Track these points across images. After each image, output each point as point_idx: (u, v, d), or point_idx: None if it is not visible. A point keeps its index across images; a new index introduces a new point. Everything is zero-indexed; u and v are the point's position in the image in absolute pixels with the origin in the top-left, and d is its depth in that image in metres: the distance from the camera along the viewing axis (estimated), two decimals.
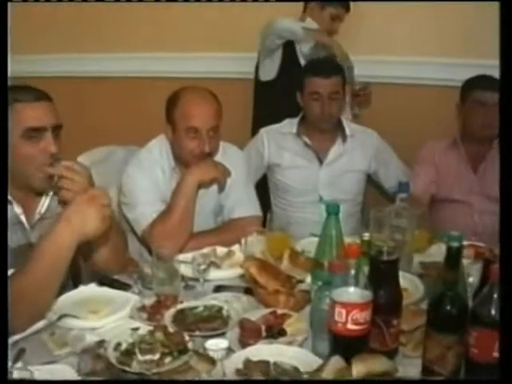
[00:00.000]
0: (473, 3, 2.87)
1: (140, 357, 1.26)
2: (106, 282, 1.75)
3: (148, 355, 1.26)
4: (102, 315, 1.54)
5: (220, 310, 1.54)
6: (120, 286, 1.73)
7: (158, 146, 2.19)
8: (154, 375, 1.25)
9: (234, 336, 1.43)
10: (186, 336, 1.36)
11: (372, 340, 1.31)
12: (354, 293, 1.28)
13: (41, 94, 1.64)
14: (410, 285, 1.69)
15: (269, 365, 1.26)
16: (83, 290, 1.69)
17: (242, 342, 1.40)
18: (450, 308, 1.24)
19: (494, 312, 1.20)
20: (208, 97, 2.12)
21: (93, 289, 1.70)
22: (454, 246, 1.26)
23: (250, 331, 1.42)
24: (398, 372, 1.25)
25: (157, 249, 1.74)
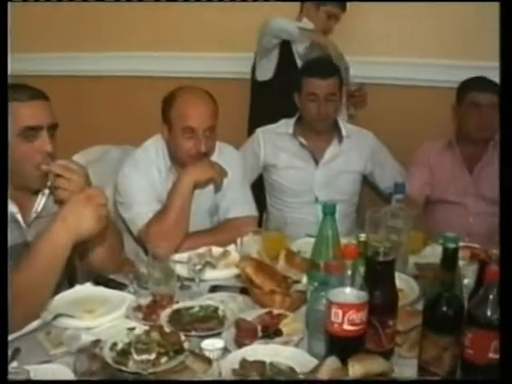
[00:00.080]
0: (472, 3, 2.87)
1: (136, 357, 1.26)
2: (101, 281, 1.74)
3: (144, 355, 1.25)
4: (98, 315, 1.54)
5: (216, 310, 1.55)
6: (116, 285, 1.73)
7: (154, 145, 2.19)
8: (150, 375, 1.25)
9: (230, 336, 1.43)
10: (181, 336, 1.36)
11: (368, 340, 1.31)
12: (350, 293, 1.28)
13: (37, 93, 1.63)
14: (405, 286, 1.70)
15: (265, 365, 1.27)
16: (79, 289, 1.69)
17: (238, 342, 1.40)
18: (447, 309, 1.25)
19: (489, 313, 1.20)
20: (204, 97, 2.11)
21: (88, 288, 1.70)
22: (450, 247, 1.26)
23: (245, 331, 1.42)
24: (394, 372, 1.25)
25: (153, 248, 1.74)
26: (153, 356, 1.27)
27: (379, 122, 2.98)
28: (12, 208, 1.64)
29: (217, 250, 1.96)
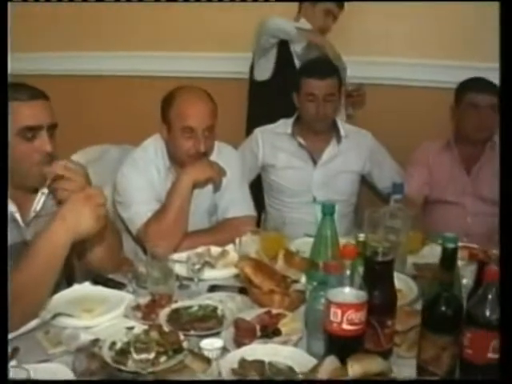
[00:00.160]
0: (472, 3, 2.87)
1: (135, 356, 1.26)
2: (100, 280, 1.74)
3: (143, 354, 1.25)
4: (96, 314, 1.54)
5: (215, 310, 1.55)
6: (114, 284, 1.73)
7: (153, 145, 2.19)
8: (149, 374, 1.25)
9: (229, 335, 1.43)
10: (181, 335, 1.37)
11: (366, 340, 1.32)
12: (349, 293, 1.29)
13: (37, 93, 1.63)
14: (404, 286, 1.70)
15: (264, 364, 1.27)
16: (77, 288, 1.69)
17: (237, 342, 1.40)
18: (446, 309, 1.25)
19: (488, 313, 1.20)
20: (203, 96, 2.11)
21: (87, 287, 1.70)
22: (449, 248, 1.26)
23: (244, 331, 1.42)
24: (393, 372, 1.25)
25: (151, 248, 1.74)
26: (152, 355, 1.26)
27: (378, 122, 2.98)
28: (11, 207, 1.64)
29: (215, 250, 1.96)
